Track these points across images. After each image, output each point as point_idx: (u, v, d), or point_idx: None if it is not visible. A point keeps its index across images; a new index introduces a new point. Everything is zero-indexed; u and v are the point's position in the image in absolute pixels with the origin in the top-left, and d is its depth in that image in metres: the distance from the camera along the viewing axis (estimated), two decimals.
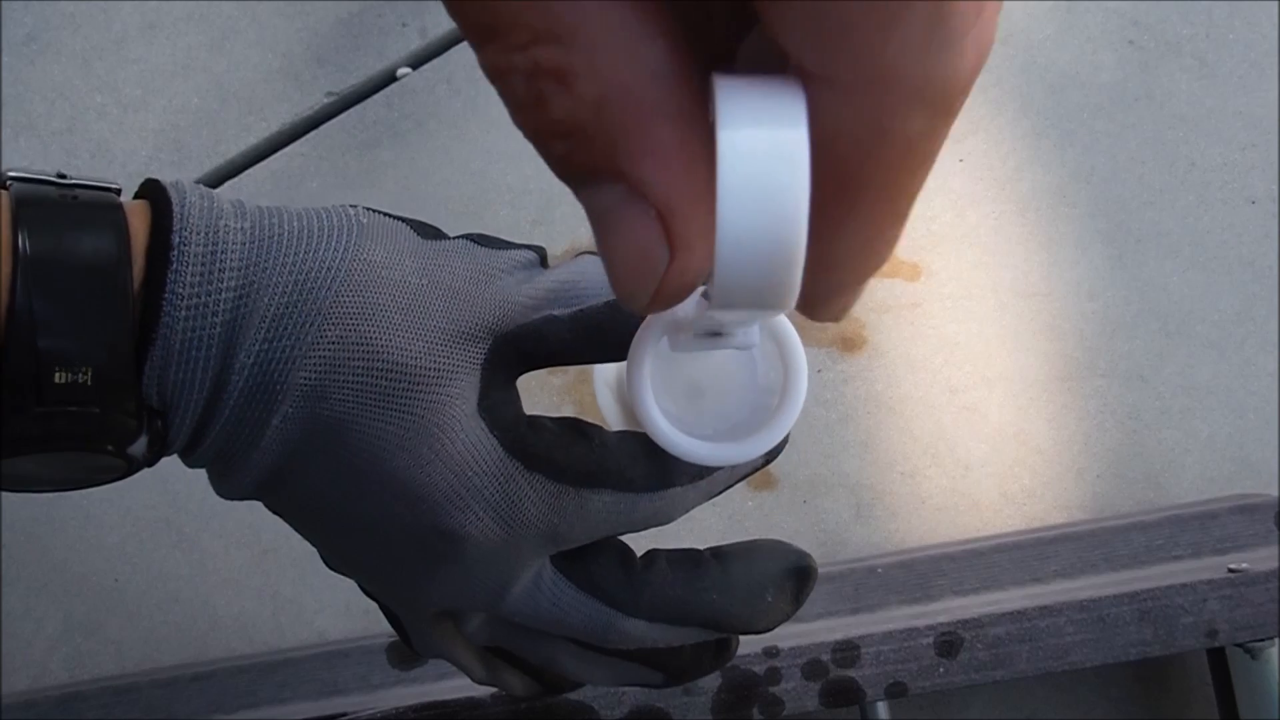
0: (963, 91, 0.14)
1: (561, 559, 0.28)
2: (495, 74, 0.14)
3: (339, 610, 0.62)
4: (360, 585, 0.30)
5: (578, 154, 0.15)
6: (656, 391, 0.23)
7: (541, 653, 0.30)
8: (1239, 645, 0.53)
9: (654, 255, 0.15)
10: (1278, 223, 0.64)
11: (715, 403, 0.25)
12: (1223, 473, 0.63)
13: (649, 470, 0.26)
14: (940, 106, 0.14)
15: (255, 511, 0.63)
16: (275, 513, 0.28)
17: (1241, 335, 0.64)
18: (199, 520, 0.64)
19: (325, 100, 0.62)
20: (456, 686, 0.54)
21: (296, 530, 0.28)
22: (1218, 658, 0.56)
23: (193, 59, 0.68)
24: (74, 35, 0.68)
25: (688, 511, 0.28)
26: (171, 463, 0.69)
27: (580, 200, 0.16)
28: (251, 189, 0.64)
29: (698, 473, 0.27)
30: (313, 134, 0.62)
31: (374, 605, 0.30)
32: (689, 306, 0.23)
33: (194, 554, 0.63)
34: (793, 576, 0.28)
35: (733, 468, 0.28)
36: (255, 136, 0.64)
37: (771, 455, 0.28)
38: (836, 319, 0.18)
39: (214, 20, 0.68)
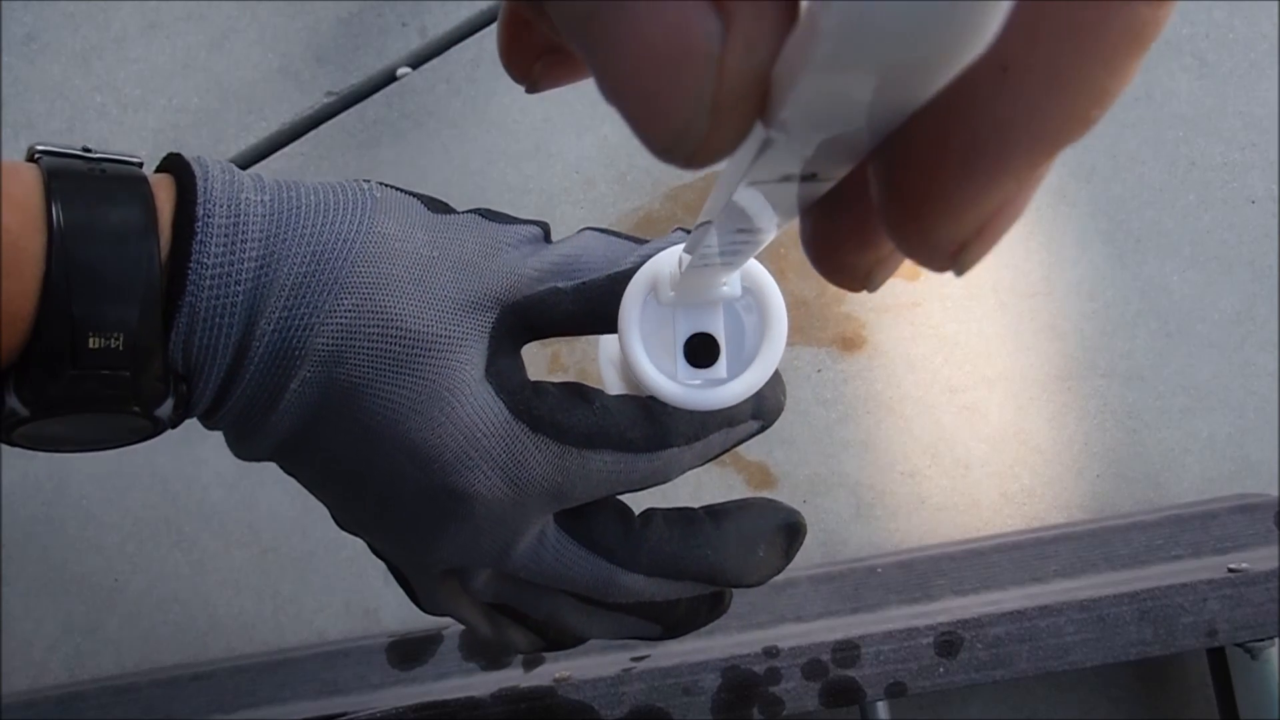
0: None
1: (564, 517, 0.29)
2: None
3: (339, 610, 0.62)
4: (370, 545, 0.31)
5: None
6: (652, 346, 0.25)
7: (544, 608, 0.31)
8: (1239, 645, 0.53)
9: (696, 33, 0.09)
10: (1278, 223, 0.64)
11: (721, 351, 0.26)
12: (1223, 473, 0.63)
13: (647, 432, 0.27)
14: None
15: (255, 511, 0.63)
16: (290, 474, 0.29)
17: (1241, 335, 0.64)
18: (199, 520, 0.64)
19: (325, 100, 0.62)
20: (456, 686, 0.54)
21: (310, 491, 0.29)
22: (1218, 657, 0.56)
23: (193, 59, 0.68)
24: (74, 35, 0.68)
25: (684, 472, 0.29)
26: (171, 462, 0.69)
27: (550, 16, 0.10)
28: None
29: (693, 434, 0.28)
30: (313, 134, 0.62)
31: (374, 605, 0.31)
32: (672, 258, 0.24)
33: (194, 554, 0.63)
34: (783, 532, 0.30)
35: (726, 433, 0.29)
36: (255, 136, 0.64)
37: (765, 419, 0.29)
38: (960, 253, 0.11)
39: (214, 20, 0.68)
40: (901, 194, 0.10)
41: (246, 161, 0.61)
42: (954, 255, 0.11)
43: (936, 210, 0.10)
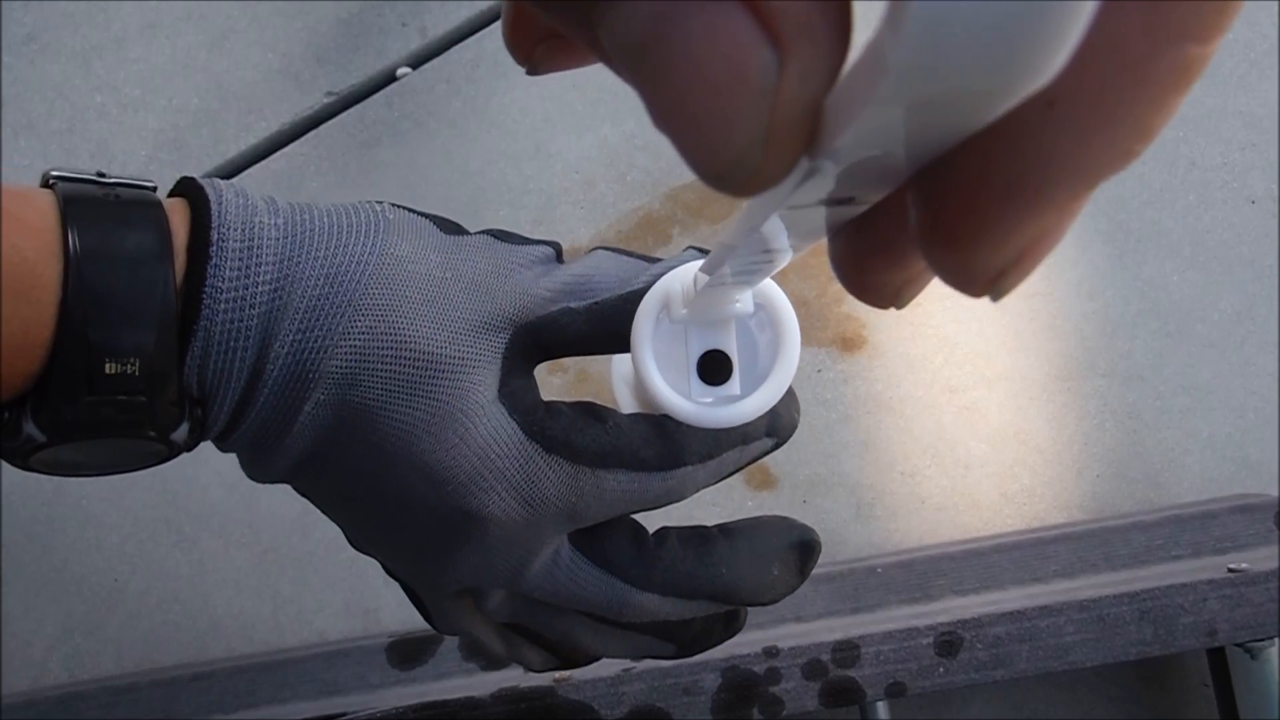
0: None
1: (578, 537, 0.29)
2: None
3: (339, 610, 0.62)
4: (383, 565, 0.31)
5: None
6: (664, 364, 0.25)
7: (558, 627, 0.31)
8: (1239, 645, 0.53)
9: (752, 66, 0.09)
10: (1278, 223, 0.64)
11: (734, 368, 0.26)
12: (1223, 473, 0.63)
13: (660, 451, 0.27)
14: None
15: (255, 511, 0.63)
16: (303, 494, 0.29)
17: (1241, 335, 0.64)
18: (199, 520, 0.64)
19: (325, 100, 0.62)
20: (456, 686, 0.54)
21: (323, 512, 0.29)
22: (1218, 658, 0.56)
23: (193, 59, 0.68)
24: (74, 35, 0.68)
25: (698, 490, 0.29)
26: (171, 462, 0.69)
27: (601, 44, 0.10)
28: (252, 189, 0.64)
29: (707, 453, 0.28)
30: (313, 134, 0.62)
31: (374, 605, 0.31)
32: (684, 275, 0.24)
33: (194, 554, 0.63)
34: (797, 550, 0.29)
35: (740, 451, 0.29)
36: (255, 136, 0.64)
37: (779, 436, 0.29)
38: (998, 282, 0.11)
39: (214, 20, 0.68)
40: (942, 221, 0.10)
41: (247, 161, 0.61)
42: (991, 282, 0.11)
43: (977, 238, 0.10)
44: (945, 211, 0.10)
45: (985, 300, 0.11)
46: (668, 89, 0.10)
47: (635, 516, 0.30)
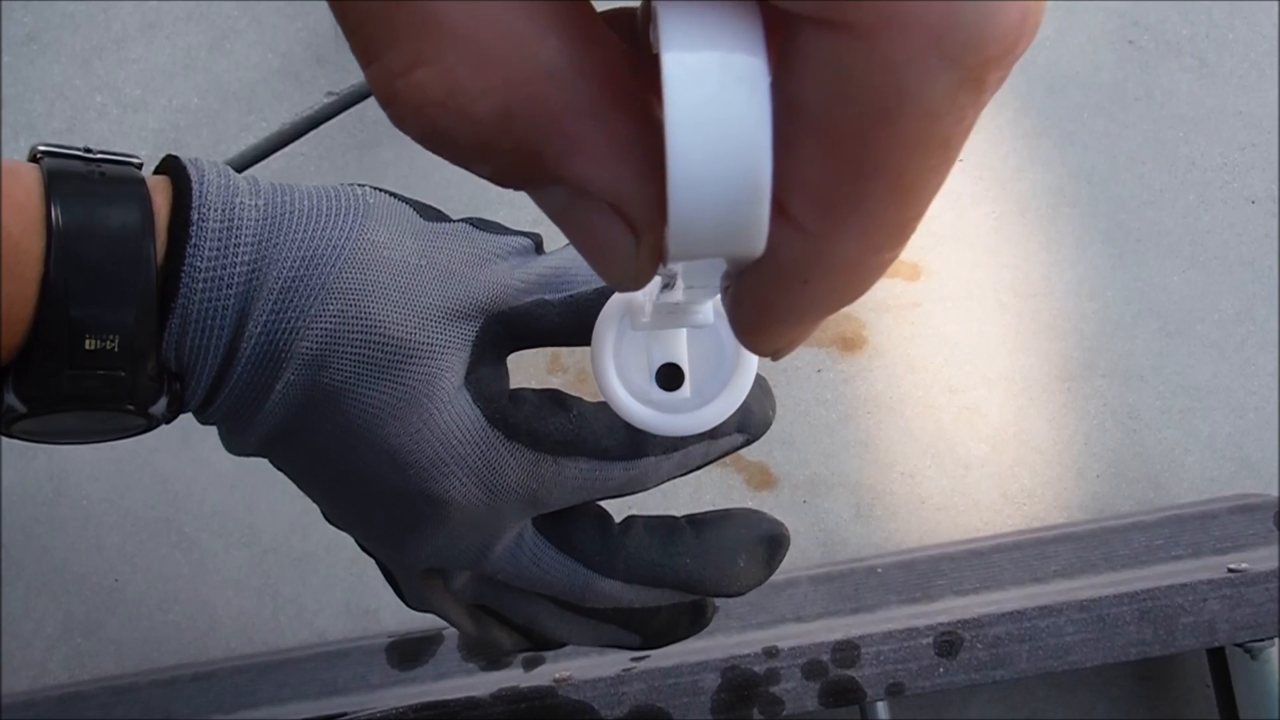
0: (999, 58, 0.12)
1: (543, 521, 0.29)
2: (385, 99, 0.14)
3: (339, 610, 0.62)
4: (356, 540, 0.31)
5: (504, 170, 0.15)
6: (627, 369, 0.25)
7: (523, 611, 0.31)
8: (1239, 645, 0.53)
9: (621, 244, 0.15)
10: (1278, 223, 0.64)
11: (685, 380, 0.26)
12: (1223, 473, 0.63)
13: (624, 441, 0.28)
14: (971, 70, 0.11)
15: (255, 511, 0.63)
16: (279, 469, 0.29)
17: (1241, 335, 0.64)
18: (199, 520, 0.64)
19: (325, 100, 0.62)
20: (456, 686, 0.54)
21: (298, 486, 0.29)
22: (1218, 658, 0.56)
23: (193, 59, 0.68)
24: (74, 35, 0.68)
25: (662, 482, 0.29)
26: (171, 462, 0.69)
27: (533, 200, 0.16)
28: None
29: (671, 445, 0.28)
30: (313, 134, 0.62)
31: (374, 605, 0.31)
32: (649, 288, 0.24)
33: (194, 554, 0.63)
34: (765, 543, 0.30)
35: (708, 445, 0.29)
36: (255, 136, 0.64)
37: (750, 432, 0.30)
38: (775, 354, 0.17)
39: (214, 20, 0.68)
40: (741, 322, 0.17)
41: (247, 162, 0.61)
42: (771, 355, 0.17)
43: (762, 336, 0.17)
44: (743, 318, 0.16)
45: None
46: (573, 241, 0.16)
47: (608, 504, 0.30)
